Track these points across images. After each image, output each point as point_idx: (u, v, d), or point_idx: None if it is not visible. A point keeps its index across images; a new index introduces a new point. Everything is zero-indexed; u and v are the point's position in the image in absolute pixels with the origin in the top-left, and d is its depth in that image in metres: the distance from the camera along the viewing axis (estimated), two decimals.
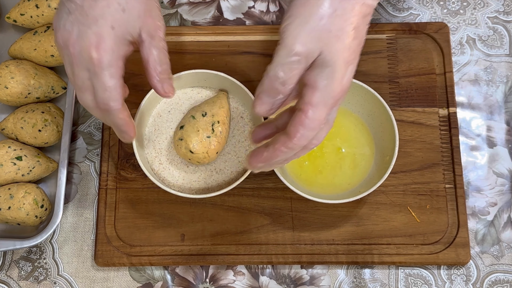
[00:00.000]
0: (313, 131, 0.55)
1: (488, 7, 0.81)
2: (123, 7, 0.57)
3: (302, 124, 0.54)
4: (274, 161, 0.57)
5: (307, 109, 0.54)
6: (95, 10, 0.56)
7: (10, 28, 0.80)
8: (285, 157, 0.57)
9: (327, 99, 0.54)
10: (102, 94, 0.58)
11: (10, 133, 0.73)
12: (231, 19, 0.81)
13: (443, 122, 0.75)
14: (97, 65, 0.57)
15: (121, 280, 0.72)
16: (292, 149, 0.56)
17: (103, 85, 0.58)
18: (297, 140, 0.55)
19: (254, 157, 0.58)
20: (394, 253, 0.71)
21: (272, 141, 0.56)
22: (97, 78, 0.58)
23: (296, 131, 0.54)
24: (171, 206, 0.73)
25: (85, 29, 0.57)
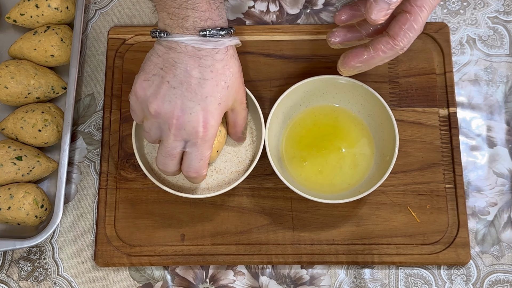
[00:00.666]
0: (416, 33, 0.59)
1: (488, 7, 0.81)
2: (228, 85, 0.62)
3: (407, 25, 0.58)
4: (372, 62, 0.61)
5: (415, 11, 0.58)
6: (205, 89, 0.60)
7: (10, 28, 0.80)
8: (384, 57, 0.61)
9: (432, 2, 0.58)
10: (197, 163, 0.63)
11: (10, 133, 0.73)
12: (231, 19, 0.81)
13: (443, 122, 0.75)
14: (202, 138, 0.61)
15: (121, 280, 0.72)
16: (393, 50, 0.60)
17: (200, 155, 0.63)
18: (400, 42, 0.59)
19: (352, 57, 0.62)
20: (394, 253, 0.71)
21: (373, 43, 0.60)
22: (197, 149, 0.62)
23: (402, 32, 0.59)
24: (171, 206, 0.73)
25: (193, 105, 0.60)
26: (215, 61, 0.60)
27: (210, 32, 0.60)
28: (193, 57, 0.60)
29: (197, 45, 0.60)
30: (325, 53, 0.78)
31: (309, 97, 0.73)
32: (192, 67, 0.60)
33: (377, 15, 0.57)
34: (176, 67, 0.60)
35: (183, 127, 0.61)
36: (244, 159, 0.71)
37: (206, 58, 0.60)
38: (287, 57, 0.78)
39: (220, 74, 0.61)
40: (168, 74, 0.61)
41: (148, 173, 0.68)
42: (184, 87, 0.60)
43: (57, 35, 0.75)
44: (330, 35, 0.67)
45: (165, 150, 0.63)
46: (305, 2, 0.82)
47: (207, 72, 0.60)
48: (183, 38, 0.60)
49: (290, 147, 0.73)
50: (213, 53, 0.60)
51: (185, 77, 0.60)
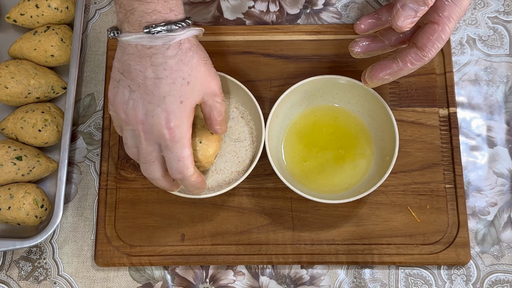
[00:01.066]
0: (443, 43, 0.59)
1: (488, 7, 0.81)
2: (188, 80, 0.59)
3: (435, 36, 0.58)
4: (400, 73, 0.61)
5: (443, 22, 0.57)
6: (161, 88, 0.58)
7: (10, 28, 0.80)
8: (412, 68, 0.60)
9: (460, 12, 0.58)
10: (176, 164, 0.61)
11: (10, 133, 0.74)
12: (231, 19, 0.81)
13: (443, 122, 0.75)
14: (170, 140, 0.59)
15: (121, 280, 0.72)
16: (422, 61, 0.59)
17: (177, 157, 0.60)
18: (429, 53, 0.59)
19: (380, 70, 0.61)
20: (394, 253, 0.71)
21: (401, 55, 0.60)
22: (170, 151, 0.60)
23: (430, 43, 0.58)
24: (171, 206, 0.73)
25: (153, 107, 0.58)
26: (167, 58, 0.57)
27: (154, 29, 0.56)
28: (143, 57, 0.57)
29: (145, 43, 0.57)
30: (325, 53, 0.78)
31: (309, 97, 0.73)
32: (145, 67, 0.58)
33: (404, 22, 0.57)
34: (131, 70, 0.58)
35: (150, 131, 0.60)
36: (244, 159, 0.71)
37: (157, 56, 0.57)
38: (287, 57, 0.78)
39: (175, 71, 0.58)
40: (127, 79, 0.59)
41: None
42: (142, 90, 0.58)
43: (57, 35, 0.75)
44: (352, 45, 0.66)
45: (142, 157, 0.62)
46: (305, 2, 0.82)
47: (160, 71, 0.58)
48: (130, 37, 0.57)
49: (290, 147, 0.73)
50: (164, 49, 0.57)
51: (141, 79, 0.58)
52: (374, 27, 0.66)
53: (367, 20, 0.66)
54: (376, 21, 0.66)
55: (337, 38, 0.78)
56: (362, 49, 0.66)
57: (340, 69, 0.76)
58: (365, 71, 0.66)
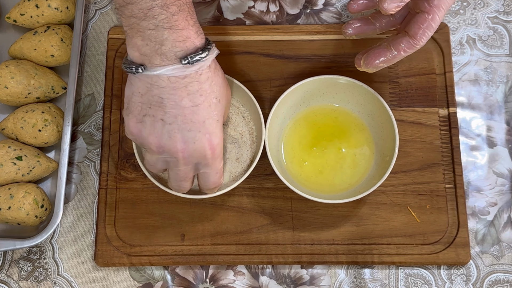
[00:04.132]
0: (433, 31, 0.62)
1: (488, 7, 0.81)
2: (219, 99, 0.61)
3: (426, 24, 0.61)
4: (394, 60, 0.64)
5: (433, 11, 0.61)
6: (200, 114, 0.59)
7: (10, 28, 0.80)
8: (404, 55, 0.63)
9: (449, 2, 0.60)
10: (214, 178, 0.64)
11: (10, 133, 0.74)
12: (231, 19, 0.81)
13: (443, 122, 0.75)
14: (211, 158, 0.61)
15: (121, 280, 0.72)
16: (413, 48, 0.62)
17: (215, 171, 0.63)
18: (420, 40, 0.62)
19: (375, 57, 0.64)
20: (394, 253, 0.71)
21: (394, 43, 0.63)
22: (210, 167, 0.63)
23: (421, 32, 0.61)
24: (171, 206, 0.73)
25: (194, 134, 0.59)
26: (202, 83, 0.58)
27: (192, 59, 0.56)
28: (178, 88, 0.57)
29: (180, 74, 0.56)
30: (325, 53, 0.78)
31: (309, 97, 0.73)
32: (181, 98, 0.57)
33: (390, 5, 0.59)
34: (165, 104, 0.58)
35: (191, 156, 0.61)
36: (244, 159, 0.71)
37: (192, 84, 0.57)
38: (287, 57, 0.78)
39: (209, 93, 0.59)
40: (159, 113, 0.58)
41: (148, 173, 0.68)
42: (180, 120, 0.58)
43: (57, 35, 0.75)
44: (345, 26, 0.69)
45: (178, 177, 0.63)
46: (305, 2, 0.82)
47: (197, 97, 0.58)
48: (163, 70, 0.56)
49: (290, 147, 0.73)
50: (197, 76, 0.57)
51: (177, 110, 0.58)
52: (366, 8, 0.69)
53: (359, 0, 0.69)
54: (368, 2, 0.69)
55: (337, 38, 0.78)
56: (355, 31, 0.69)
57: (340, 69, 0.76)
58: (359, 55, 0.68)
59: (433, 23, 0.62)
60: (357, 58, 0.68)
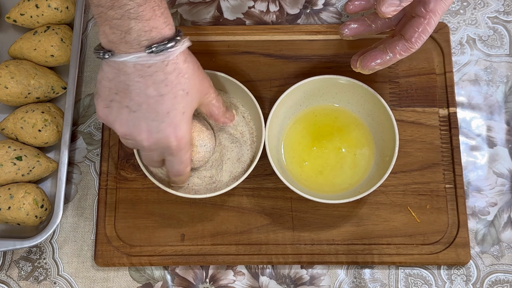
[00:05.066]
0: (428, 35, 0.63)
1: (488, 7, 0.81)
2: (187, 91, 0.60)
3: (421, 28, 0.62)
4: (389, 63, 0.65)
5: (429, 16, 0.62)
6: (164, 105, 0.59)
7: (10, 28, 0.80)
8: (400, 58, 0.64)
9: (444, 7, 0.62)
10: (178, 166, 0.65)
11: (10, 133, 0.73)
12: (231, 19, 0.81)
13: (443, 122, 0.75)
14: (176, 149, 0.62)
15: (121, 280, 0.72)
16: (409, 52, 0.64)
17: (179, 161, 0.64)
18: (415, 44, 0.63)
19: (371, 59, 0.65)
20: (394, 253, 0.71)
21: (390, 46, 0.64)
22: (174, 157, 0.63)
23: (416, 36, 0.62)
24: (171, 206, 0.73)
25: (157, 124, 0.60)
26: (167, 74, 0.58)
27: (157, 48, 0.56)
28: (143, 76, 0.57)
29: (145, 62, 0.57)
30: (325, 53, 0.78)
31: (309, 97, 0.73)
32: (146, 86, 0.58)
33: (387, 8, 0.59)
34: (131, 90, 0.58)
35: (154, 145, 0.61)
36: (244, 159, 0.71)
37: (158, 73, 0.57)
38: (287, 57, 0.78)
39: (175, 84, 0.59)
40: (125, 99, 0.59)
41: (148, 173, 0.68)
42: (144, 109, 0.59)
43: (57, 35, 0.75)
44: (342, 28, 0.69)
45: (145, 159, 0.66)
46: (305, 2, 0.82)
47: (162, 87, 0.58)
48: (129, 57, 0.56)
49: (290, 147, 0.73)
50: (163, 66, 0.57)
51: (142, 98, 0.58)
52: (363, 9, 0.69)
53: (356, 1, 0.70)
54: (365, 3, 0.69)
55: (337, 38, 0.78)
56: (351, 31, 0.69)
57: (340, 69, 0.76)
58: (355, 57, 0.68)
59: (428, 27, 0.62)
60: (353, 59, 0.69)
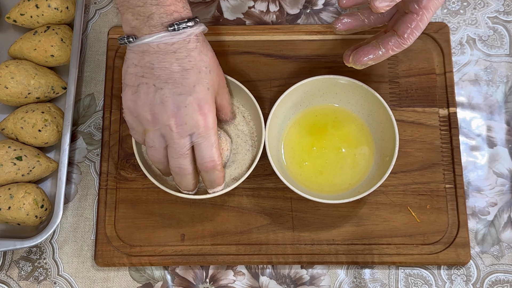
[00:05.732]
0: (421, 31, 0.63)
1: (488, 7, 0.81)
2: (209, 69, 0.63)
3: (414, 25, 0.63)
4: (382, 58, 0.65)
5: (421, 12, 0.62)
6: (190, 79, 0.61)
7: (10, 28, 0.80)
8: (392, 54, 0.65)
9: (437, 4, 0.63)
10: (210, 152, 0.63)
11: (10, 133, 0.74)
12: (231, 19, 0.81)
13: (443, 122, 0.75)
14: (204, 126, 0.62)
15: (121, 280, 0.72)
16: (401, 47, 0.64)
17: (211, 143, 0.63)
18: (407, 40, 0.63)
19: (363, 55, 0.65)
20: (394, 253, 0.71)
21: (383, 42, 0.64)
22: (204, 137, 0.62)
23: (409, 32, 0.63)
24: (171, 206, 0.73)
25: (184, 98, 0.61)
26: (190, 51, 0.61)
27: (178, 26, 0.60)
28: (167, 53, 0.60)
29: (168, 41, 0.60)
30: (325, 53, 0.78)
31: (309, 97, 0.73)
32: (170, 63, 0.60)
33: (381, 3, 0.60)
34: (155, 69, 0.61)
35: (183, 122, 0.61)
36: (244, 159, 0.71)
37: (181, 50, 0.60)
38: (287, 57, 0.78)
39: (198, 61, 0.61)
40: (151, 79, 0.61)
41: (148, 173, 0.68)
42: (170, 84, 0.61)
43: (57, 35, 0.75)
44: (335, 22, 0.69)
45: (175, 152, 0.63)
46: (305, 2, 0.82)
47: (186, 63, 0.61)
48: (152, 37, 0.60)
49: (290, 147, 0.73)
50: (185, 43, 0.61)
51: (167, 74, 0.61)
52: (356, 3, 0.69)
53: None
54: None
55: (337, 38, 0.78)
56: (344, 26, 0.70)
57: (340, 69, 0.76)
58: (348, 51, 0.68)
59: (421, 23, 0.63)
60: (345, 54, 0.69)
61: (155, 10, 0.60)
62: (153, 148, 0.64)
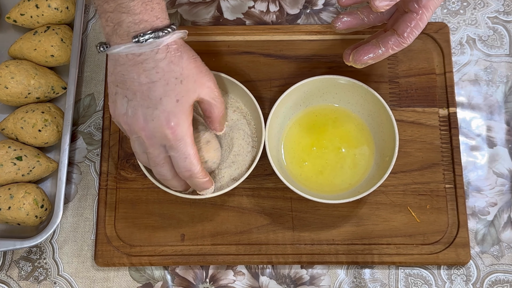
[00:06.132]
0: (420, 30, 0.64)
1: (488, 7, 0.81)
2: (180, 79, 0.61)
3: (414, 23, 0.63)
4: (382, 57, 0.65)
5: (421, 11, 0.63)
6: (156, 91, 0.60)
7: (10, 28, 0.80)
8: (392, 53, 0.65)
9: (437, 2, 0.63)
10: (183, 163, 0.63)
11: (10, 133, 0.74)
12: (231, 19, 0.81)
13: (443, 122, 0.75)
14: (173, 139, 0.61)
15: (121, 280, 0.72)
16: (401, 46, 0.64)
17: (183, 155, 0.62)
18: (407, 39, 0.64)
19: (363, 54, 0.66)
20: (394, 253, 0.71)
21: (383, 41, 0.64)
22: (175, 150, 0.62)
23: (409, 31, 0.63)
24: (171, 206, 0.73)
25: (151, 111, 0.60)
26: (158, 62, 0.59)
27: (143, 37, 0.58)
28: (135, 64, 0.59)
29: (135, 51, 0.59)
30: (325, 53, 0.78)
31: (309, 97, 0.73)
32: (138, 74, 0.59)
33: (381, 3, 0.60)
34: (126, 80, 0.60)
35: (153, 135, 0.61)
36: (245, 159, 0.71)
37: (148, 61, 0.59)
38: (287, 57, 0.78)
39: (167, 72, 0.60)
40: (123, 89, 0.61)
41: (148, 173, 0.68)
42: (139, 97, 0.60)
43: (57, 35, 0.75)
44: (335, 21, 0.69)
45: (151, 160, 0.64)
46: (305, 2, 0.82)
47: (153, 74, 0.59)
48: (119, 48, 0.59)
49: (290, 147, 0.73)
50: (153, 54, 0.59)
51: (136, 86, 0.60)
52: (355, 1, 0.69)
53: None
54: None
55: (337, 38, 0.78)
56: (344, 25, 0.69)
57: (340, 69, 0.76)
58: (348, 50, 0.68)
59: (421, 22, 0.63)
60: (345, 53, 0.69)
61: (124, 18, 0.59)
62: (137, 153, 0.65)
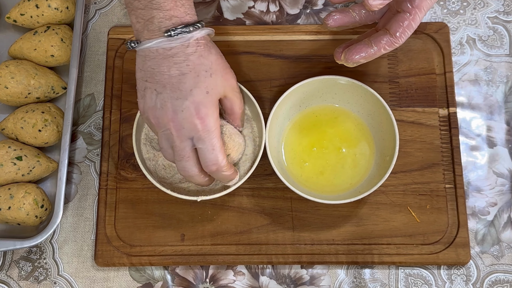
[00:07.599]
0: (413, 30, 0.64)
1: (488, 7, 0.81)
2: (211, 73, 0.62)
3: (406, 24, 0.63)
4: (374, 57, 0.66)
5: (414, 11, 0.63)
6: (187, 83, 0.61)
7: (10, 28, 0.80)
8: (384, 52, 0.65)
9: (430, 3, 0.63)
10: (210, 155, 0.63)
11: (10, 133, 0.74)
12: (231, 19, 0.81)
13: (443, 122, 0.75)
14: (202, 130, 0.62)
15: (121, 280, 0.72)
16: (393, 46, 0.65)
17: (211, 147, 0.63)
18: (399, 39, 0.64)
19: (355, 53, 0.66)
20: (394, 253, 0.71)
21: (375, 40, 0.65)
22: (203, 141, 0.62)
23: (401, 31, 0.64)
24: (171, 206, 0.73)
25: (181, 102, 0.61)
26: (188, 55, 0.61)
27: (174, 32, 0.60)
28: (165, 58, 0.61)
29: (166, 46, 0.60)
30: (325, 53, 0.78)
31: (309, 97, 0.73)
32: (168, 67, 0.61)
33: (374, 1, 0.60)
34: (156, 74, 0.61)
35: (181, 126, 0.62)
36: (244, 159, 0.71)
37: (179, 54, 0.61)
38: (287, 57, 0.78)
39: (197, 65, 0.61)
40: (153, 84, 0.62)
41: (147, 174, 0.68)
42: (168, 89, 0.61)
43: (57, 35, 0.75)
44: (327, 18, 0.70)
45: (177, 154, 0.64)
46: (305, 2, 0.82)
47: (184, 67, 0.61)
48: (151, 43, 0.61)
49: (291, 147, 0.73)
50: (183, 48, 0.61)
51: (166, 79, 0.61)
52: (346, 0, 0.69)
53: None
54: None
55: (337, 38, 0.78)
56: (335, 22, 0.70)
57: (340, 69, 0.76)
58: (339, 49, 0.69)
59: (413, 23, 0.64)
60: (337, 51, 0.69)
61: (155, 14, 0.60)
62: (163, 149, 0.65)
